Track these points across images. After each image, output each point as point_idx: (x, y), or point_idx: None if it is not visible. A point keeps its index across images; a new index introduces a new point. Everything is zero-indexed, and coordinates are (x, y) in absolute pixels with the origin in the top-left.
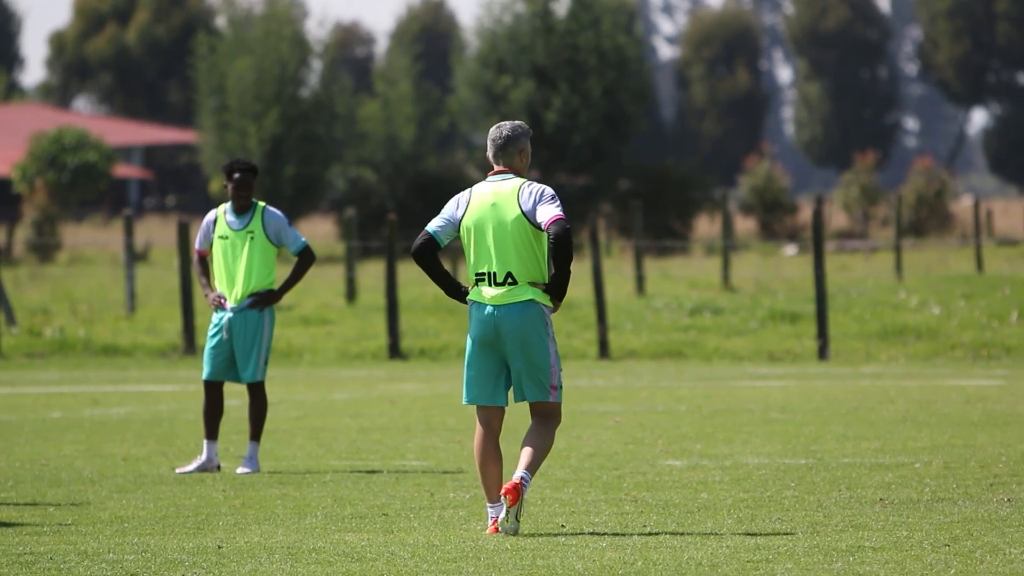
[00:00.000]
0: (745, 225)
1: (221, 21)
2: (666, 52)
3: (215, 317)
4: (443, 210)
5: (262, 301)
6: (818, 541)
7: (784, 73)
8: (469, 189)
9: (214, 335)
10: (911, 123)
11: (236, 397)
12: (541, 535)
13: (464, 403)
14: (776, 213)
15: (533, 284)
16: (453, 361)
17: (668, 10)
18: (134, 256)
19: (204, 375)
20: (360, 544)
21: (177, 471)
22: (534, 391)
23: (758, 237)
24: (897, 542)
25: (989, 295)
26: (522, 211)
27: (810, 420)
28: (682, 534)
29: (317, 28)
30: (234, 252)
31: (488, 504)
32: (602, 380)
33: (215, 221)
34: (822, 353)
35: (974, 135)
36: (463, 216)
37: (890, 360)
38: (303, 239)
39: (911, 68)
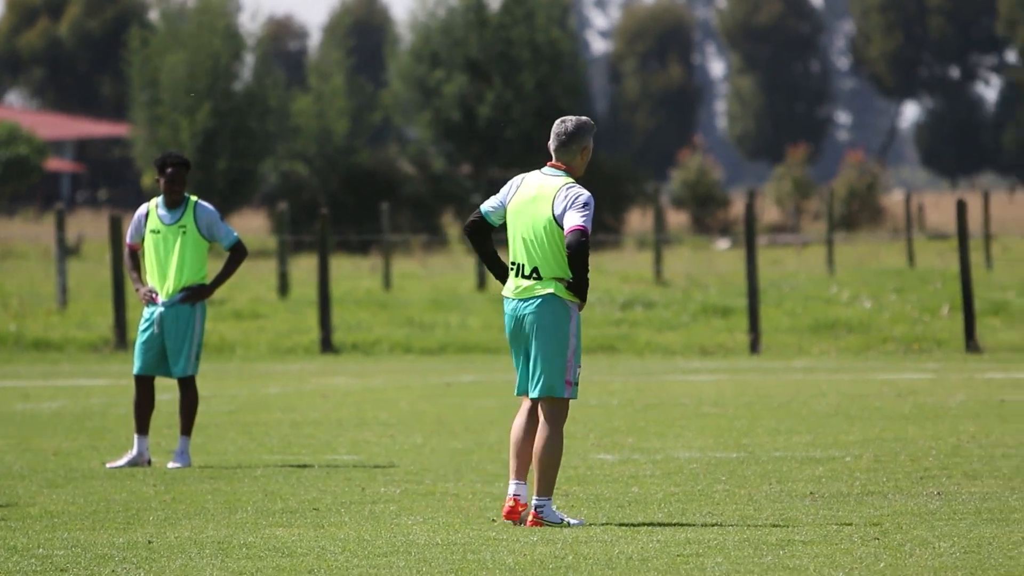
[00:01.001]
0: (677, 219)
1: (154, 15)
2: (599, 46)
3: (146, 312)
4: (501, 190)
5: (194, 296)
6: (748, 535)
7: (717, 67)
8: (524, 175)
9: (145, 330)
10: (843, 117)
11: (167, 392)
12: (472, 530)
13: (516, 395)
14: (708, 207)
15: (558, 280)
16: (385, 355)
17: (601, 4)
18: (66, 250)
19: (135, 370)
20: (291, 539)
21: (108, 466)
22: (546, 385)
23: (690, 231)
24: (827, 535)
25: (920, 289)
26: (554, 213)
27: (742, 414)
28: (613, 528)
29: (250, 22)
30: (166, 246)
31: (512, 480)
32: None
33: (147, 215)
34: (754, 347)
35: (906, 129)
36: (510, 200)
37: (822, 354)
38: (235, 234)
39: (843, 62)
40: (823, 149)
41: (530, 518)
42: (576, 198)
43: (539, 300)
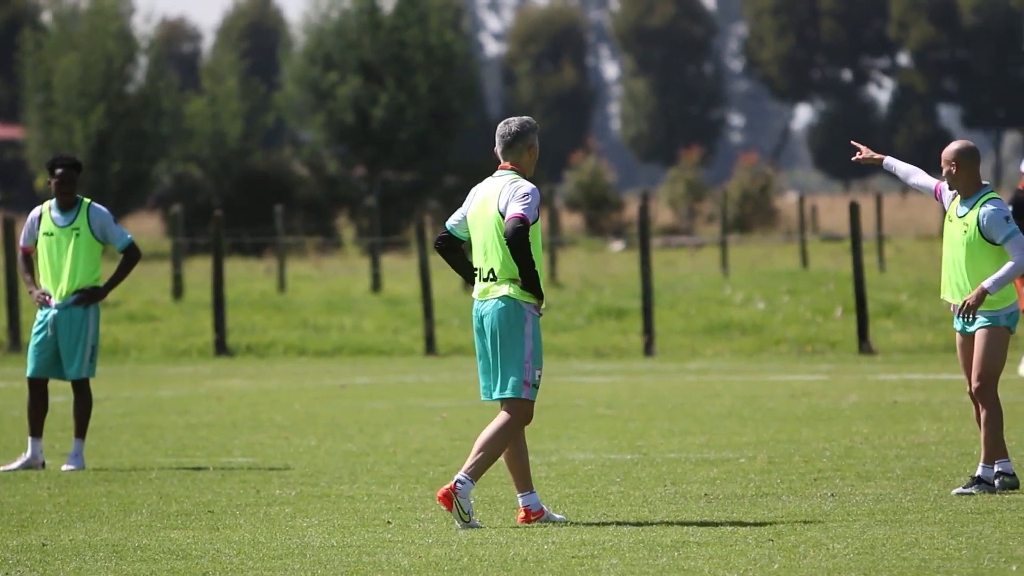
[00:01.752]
0: (571, 221)
1: (47, 17)
2: (493, 48)
3: (40, 314)
4: (464, 204)
5: (87, 298)
6: (643, 536)
7: (610, 69)
8: (479, 185)
9: (39, 332)
10: (736, 119)
11: (61, 394)
12: (367, 532)
13: (482, 399)
14: (602, 209)
15: (512, 280)
16: (280, 357)
17: (495, 6)
18: None
19: (28, 372)
20: (185, 541)
21: (1, 469)
22: (508, 386)
23: (584, 233)
24: (721, 537)
25: (813, 291)
26: (499, 210)
27: (636, 416)
28: (508, 529)
29: (143, 24)
30: (59, 249)
31: (518, 495)
32: (429, 376)
33: (40, 218)
34: (648, 349)
35: (798, 131)
36: (469, 211)
37: (715, 355)
38: (128, 236)
39: (736, 65)
40: (716, 151)
41: (444, 489)
42: (517, 190)
43: (495, 302)
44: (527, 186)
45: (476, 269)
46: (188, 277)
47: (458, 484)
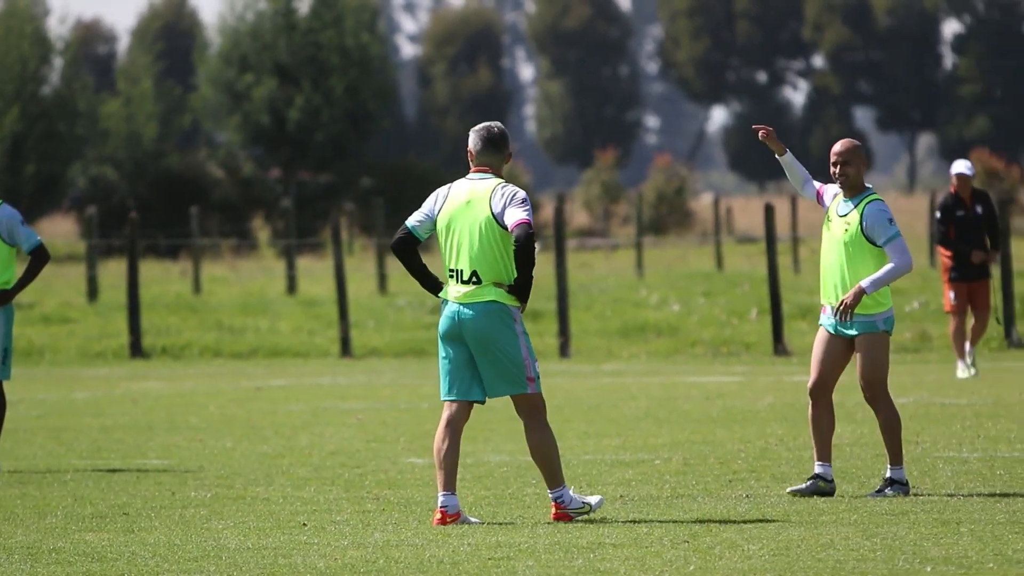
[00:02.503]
0: None
1: None
2: (408, 50)
3: None
4: (424, 205)
5: None
6: (559, 538)
7: (526, 71)
8: (449, 185)
9: None
10: (652, 121)
11: None
12: (283, 534)
13: (442, 398)
14: None
15: (498, 284)
16: (195, 359)
17: (410, 8)
18: None
19: None
20: (101, 544)
21: None
22: (508, 385)
23: None
24: (637, 538)
25: (729, 292)
26: (492, 213)
27: (552, 417)
28: (425, 531)
29: (58, 26)
30: None
31: (440, 492)
32: (344, 378)
33: None
34: (564, 350)
35: (714, 133)
36: (439, 212)
37: (631, 357)
38: (37, 237)
39: (652, 66)
40: (632, 153)
41: (553, 510)
42: (514, 195)
43: (482, 307)
44: (521, 191)
45: (453, 271)
46: (103, 279)
47: (558, 500)
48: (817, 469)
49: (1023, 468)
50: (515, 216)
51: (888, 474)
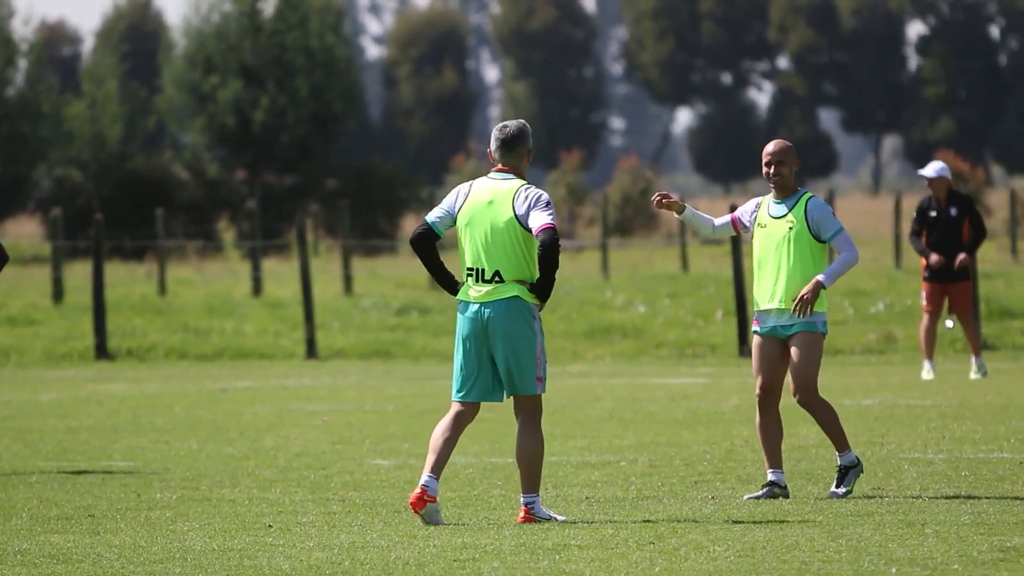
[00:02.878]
0: None
1: None
2: (373, 52)
3: None
4: (444, 201)
5: None
6: (525, 539)
7: (491, 72)
8: (470, 182)
9: None
10: (617, 122)
11: None
12: (248, 535)
13: (455, 399)
14: None
15: (520, 282)
16: (160, 361)
17: (375, 10)
18: None
19: None
20: (66, 545)
21: None
22: (522, 384)
23: None
24: (603, 540)
25: (694, 294)
26: (516, 214)
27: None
28: (390, 533)
29: (22, 27)
30: None
31: (425, 472)
32: (310, 380)
33: None
34: None
35: (679, 134)
36: (460, 209)
37: (596, 359)
38: None
39: (617, 68)
40: (597, 155)
41: (521, 514)
42: (538, 198)
43: (504, 304)
44: (545, 194)
45: (472, 269)
46: (68, 280)
47: (529, 506)
48: (771, 476)
49: (988, 469)
50: (540, 220)
51: (840, 462)
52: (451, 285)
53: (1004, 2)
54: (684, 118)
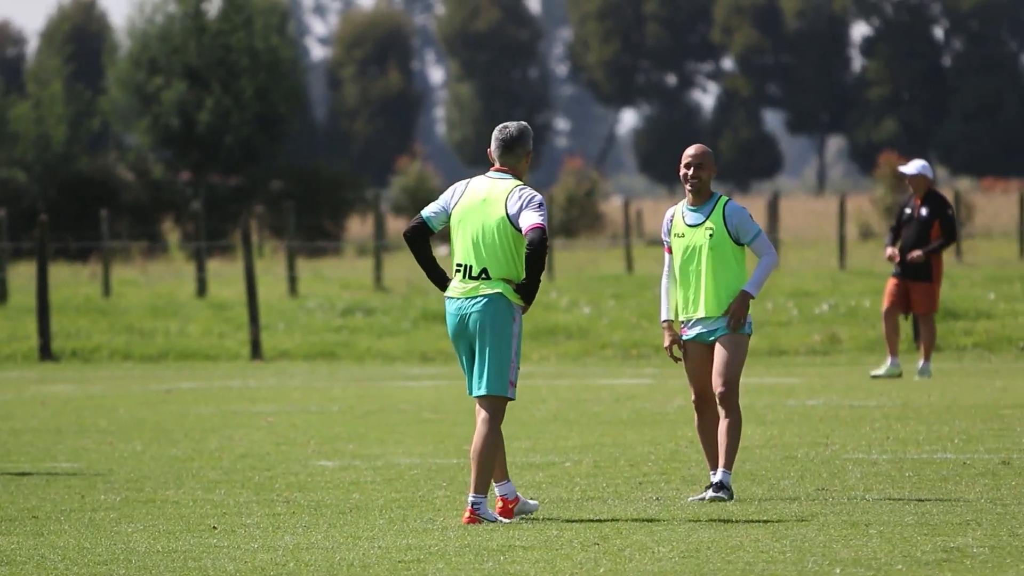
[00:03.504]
0: (397, 225)
1: None
2: (318, 52)
3: None
4: (440, 196)
5: None
6: (469, 540)
7: (436, 74)
8: (468, 180)
9: None
10: (562, 124)
11: None
12: (193, 537)
13: (469, 394)
14: None
15: (506, 281)
16: (105, 362)
17: (320, 11)
18: None
19: None
20: (10, 547)
21: None
22: (492, 383)
23: None
24: (547, 541)
25: (639, 295)
26: (508, 214)
27: (462, 420)
28: (335, 534)
29: None
30: None
31: (495, 484)
32: (255, 381)
33: None
34: None
35: (624, 135)
36: (455, 205)
37: (541, 360)
38: None
39: (562, 69)
40: (542, 156)
41: (467, 515)
42: (531, 199)
43: (485, 299)
44: (538, 195)
45: (461, 265)
46: (12, 282)
47: (475, 506)
48: (714, 477)
49: (932, 470)
50: (531, 220)
51: (719, 477)
52: (441, 281)
53: (948, 3)
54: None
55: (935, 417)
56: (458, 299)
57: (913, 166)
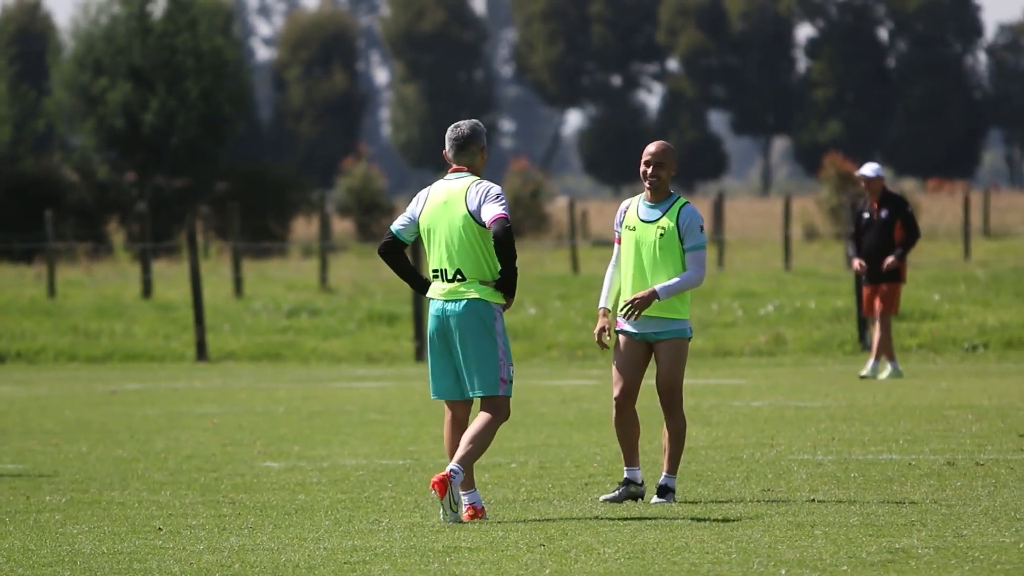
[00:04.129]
0: (343, 227)
1: None
2: (263, 53)
3: None
4: (407, 209)
5: None
6: (415, 542)
7: (381, 75)
8: (429, 187)
9: None
10: (507, 125)
11: None
12: (138, 538)
13: (432, 398)
14: (373, 214)
15: (483, 283)
16: (50, 364)
17: (265, 12)
18: None
19: None
20: None
21: None
22: (482, 385)
23: (356, 238)
24: (493, 542)
25: (584, 296)
26: (468, 210)
27: (408, 421)
28: (280, 535)
29: None
30: None
31: (462, 491)
32: (200, 382)
33: None
34: (419, 354)
35: (569, 136)
36: (420, 213)
37: None
38: None
39: (507, 70)
40: (488, 157)
41: (440, 475)
42: (488, 191)
43: (464, 303)
44: (495, 186)
45: (436, 270)
46: None
47: (452, 472)
48: (627, 474)
49: (877, 471)
50: (492, 212)
51: (663, 481)
52: (424, 287)
53: (892, 5)
54: (574, 120)
55: (880, 418)
56: (439, 300)
57: (871, 169)
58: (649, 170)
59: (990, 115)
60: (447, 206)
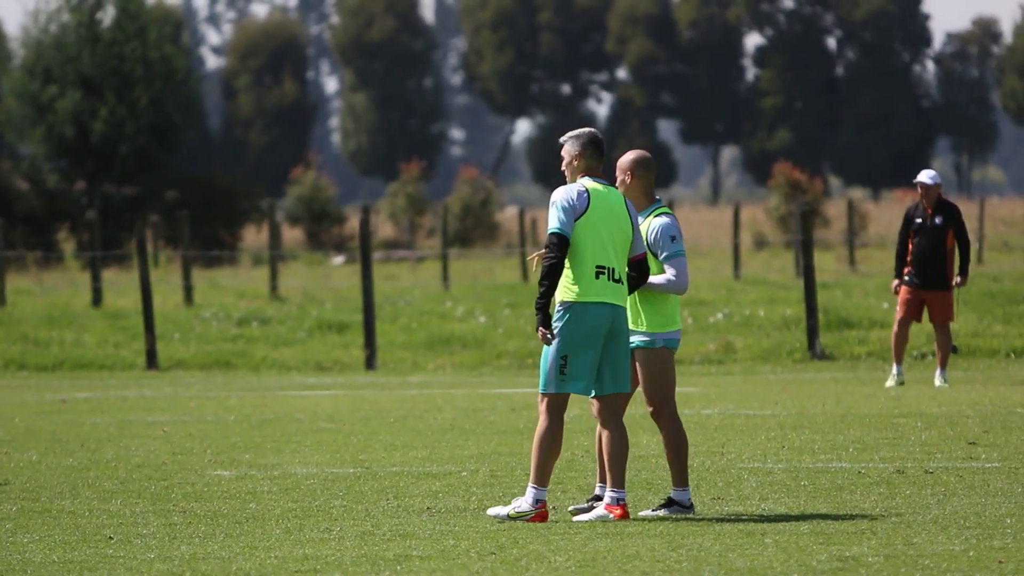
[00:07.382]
0: (292, 235)
1: None
2: (213, 62)
3: None
4: (559, 209)
5: None
6: (366, 550)
7: (331, 83)
8: (581, 186)
9: None
10: (457, 133)
11: None
12: (89, 547)
13: (590, 396)
14: (323, 223)
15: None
16: (0, 372)
17: (214, 20)
18: None
19: None
20: None
21: None
22: (619, 383)
23: (305, 247)
24: (444, 551)
25: (533, 304)
26: (634, 226)
27: (358, 429)
28: (231, 544)
29: None
30: None
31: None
32: (150, 390)
33: None
34: (370, 363)
35: (518, 144)
36: (586, 211)
37: (437, 369)
38: None
39: (456, 79)
40: (437, 165)
41: (617, 511)
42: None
43: (622, 306)
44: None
45: (603, 268)
46: None
47: (621, 501)
48: (598, 491)
49: (827, 479)
50: (640, 249)
51: (671, 494)
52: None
53: (841, 14)
54: (523, 128)
55: (830, 426)
56: (607, 303)
57: (928, 176)
58: (617, 180)
59: (938, 123)
60: (615, 212)
